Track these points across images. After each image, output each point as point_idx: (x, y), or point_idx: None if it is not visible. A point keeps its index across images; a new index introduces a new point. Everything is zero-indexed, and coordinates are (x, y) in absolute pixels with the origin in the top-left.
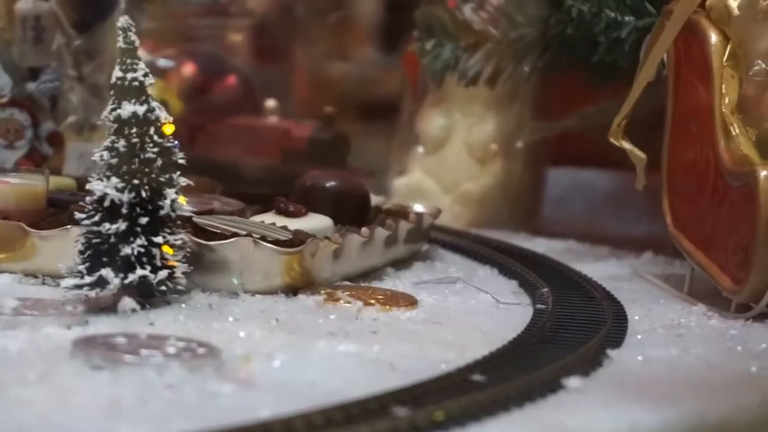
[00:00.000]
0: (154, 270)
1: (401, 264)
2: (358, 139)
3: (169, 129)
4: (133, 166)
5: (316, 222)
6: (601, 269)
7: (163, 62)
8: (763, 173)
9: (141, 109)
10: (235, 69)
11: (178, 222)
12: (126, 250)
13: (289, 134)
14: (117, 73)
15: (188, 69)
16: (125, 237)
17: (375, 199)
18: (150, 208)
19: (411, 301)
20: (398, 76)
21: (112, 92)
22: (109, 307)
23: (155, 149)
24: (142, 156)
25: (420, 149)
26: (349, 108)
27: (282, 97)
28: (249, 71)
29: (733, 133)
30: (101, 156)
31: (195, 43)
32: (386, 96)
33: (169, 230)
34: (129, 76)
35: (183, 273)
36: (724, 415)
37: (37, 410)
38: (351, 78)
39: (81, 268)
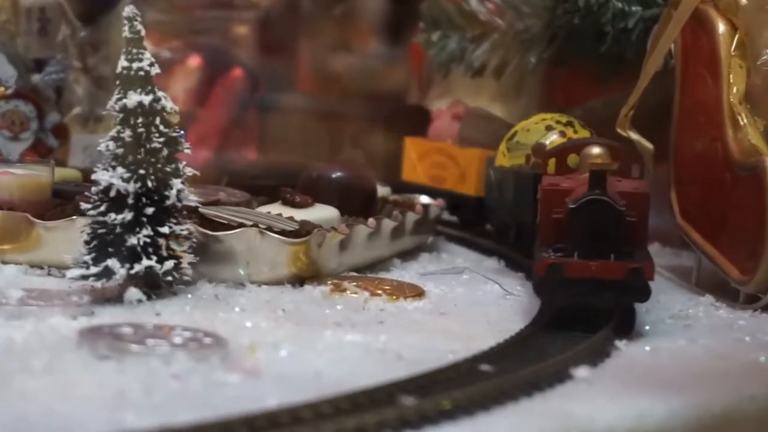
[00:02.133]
0: (160, 260)
1: (408, 255)
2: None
3: (174, 118)
4: (138, 156)
5: (322, 213)
6: None
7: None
8: None
9: (147, 99)
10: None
11: (184, 212)
12: (132, 241)
13: None
14: (123, 62)
15: (194, 62)
16: (131, 227)
17: (382, 190)
18: (156, 198)
19: (418, 292)
20: (403, 68)
21: (117, 82)
22: (114, 298)
23: (161, 139)
24: (147, 146)
25: None
26: (354, 100)
27: (287, 90)
28: (254, 64)
29: (741, 123)
30: (107, 146)
31: (200, 35)
32: (392, 88)
33: (175, 220)
34: (135, 65)
35: (189, 263)
36: (731, 405)
37: (42, 400)
38: (356, 70)
39: (87, 258)
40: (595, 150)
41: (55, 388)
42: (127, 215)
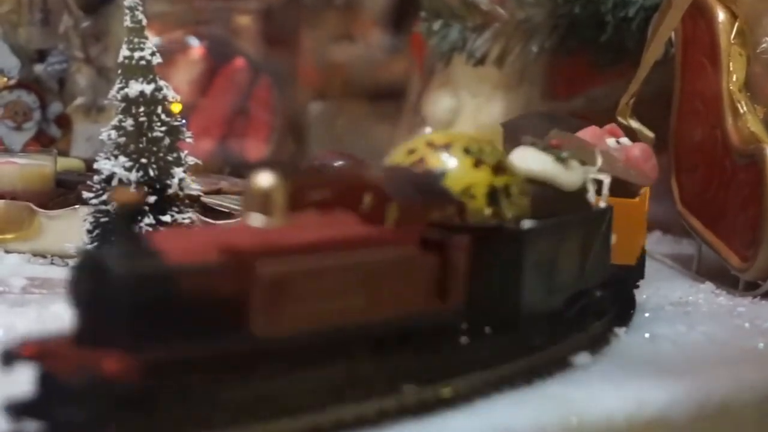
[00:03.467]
0: None
1: None
2: (366, 121)
3: (176, 108)
4: (140, 145)
5: None
6: None
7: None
8: None
9: (148, 88)
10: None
11: (186, 201)
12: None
13: None
14: (124, 52)
15: (196, 52)
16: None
17: None
18: (158, 187)
19: None
20: (405, 58)
21: (119, 71)
22: None
23: (163, 128)
24: (149, 135)
25: (428, 130)
26: (357, 90)
27: (289, 80)
28: (256, 54)
29: (741, 111)
30: (109, 135)
31: (202, 25)
32: (393, 78)
33: (177, 209)
34: (136, 55)
35: None
36: (729, 391)
37: None
38: (358, 60)
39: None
40: (261, 181)
41: None
42: None
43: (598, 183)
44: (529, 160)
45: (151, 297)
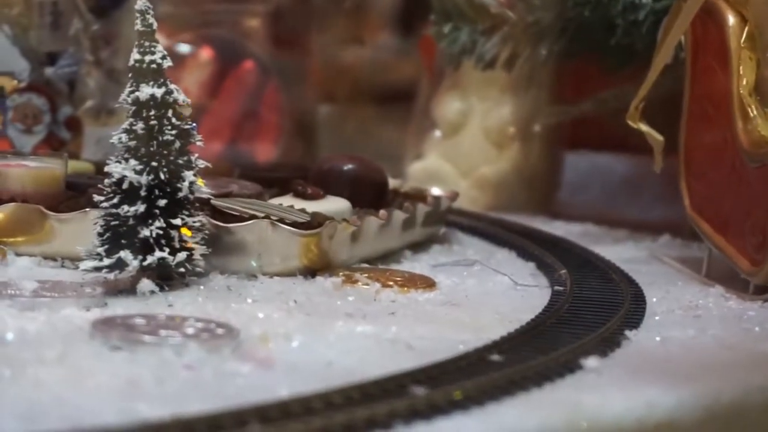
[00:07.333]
0: (173, 252)
1: (419, 247)
2: (375, 124)
3: (186, 111)
4: (151, 149)
5: (334, 205)
6: (619, 252)
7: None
8: None
9: (159, 92)
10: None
11: (197, 204)
12: (144, 233)
13: None
14: (135, 55)
15: (205, 54)
16: (144, 219)
17: (393, 183)
18: (168, 190)
19: (429, 283)
20: (415, 60)
21: (130, 75)
22: (127, 289)
23: (173, 131)
24: (160, 138)
25: (437, 133)
26: (366, 93)
27: (298, 83)
28: (265, 57)
29: (751, 114)
30: (119, 138)
31: (211, 28)
32: (403, 81)
33: (187, 212)
34: (147, 58)
35: (201, 255)
36: (739, 394)
37: (55, 390)
38: (367, 63)
39: (100, 250)
40: None
41: (67, 378)
42: (140, 207)
43: None
44: None
45: None
